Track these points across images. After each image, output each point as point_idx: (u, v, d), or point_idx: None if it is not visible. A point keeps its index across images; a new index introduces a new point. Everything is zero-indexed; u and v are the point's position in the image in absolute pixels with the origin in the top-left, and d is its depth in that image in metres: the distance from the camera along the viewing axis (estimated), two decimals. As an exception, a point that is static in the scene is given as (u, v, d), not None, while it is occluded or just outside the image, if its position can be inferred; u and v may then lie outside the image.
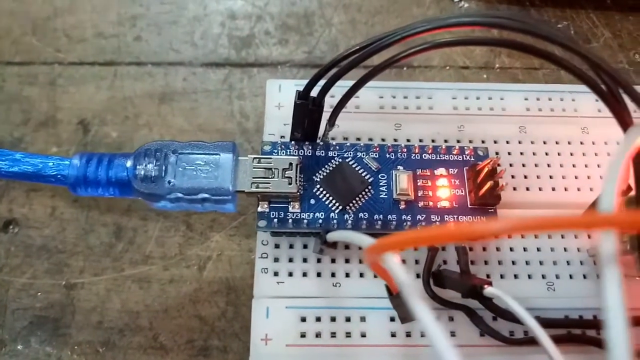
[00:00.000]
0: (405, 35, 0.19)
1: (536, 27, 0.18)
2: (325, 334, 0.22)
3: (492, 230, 0.11)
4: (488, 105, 0.27)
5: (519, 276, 0.23)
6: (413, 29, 0.19)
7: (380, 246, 0.12)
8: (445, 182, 0.23)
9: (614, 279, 0.10)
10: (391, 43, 0.19)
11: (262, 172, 0.22)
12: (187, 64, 0.31)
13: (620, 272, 0.10)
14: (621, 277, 0.10)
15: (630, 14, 0.34)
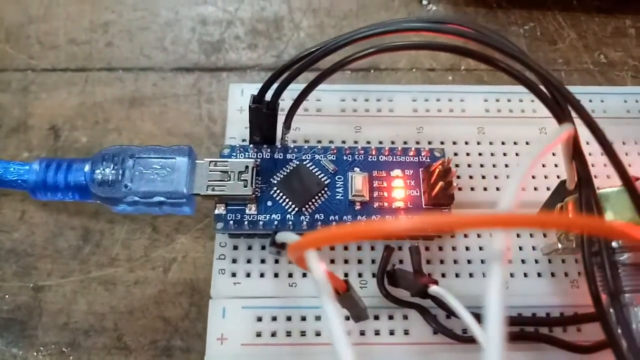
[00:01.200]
0: (351, 39, 0.19)
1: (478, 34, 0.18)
2: (281, 333, 0.22)
3: (399, 228, 0.11)
4: (448, 107, 0.27)
5: (474, 275, 0.24)
6: (359, 33, 0.20)
7: (300, 244, 0.13)
8: (401, 183, 0.24)
9: (497, 276, 0.10)
10: (338, 47, 0.20)
11: (218, 175, 0.23)
12: (157, 69, 0.32)
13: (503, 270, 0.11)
14: (504, 276, 0.11)
15: (596, 15, 0.34)
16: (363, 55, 0.20)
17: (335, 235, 0.12)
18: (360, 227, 0.12)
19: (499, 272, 0.10)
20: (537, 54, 0.33)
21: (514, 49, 0.19)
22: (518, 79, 0.19)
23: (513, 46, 0.19)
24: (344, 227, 0.12)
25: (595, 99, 0.28)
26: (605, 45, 0.33)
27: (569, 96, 0.19)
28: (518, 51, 0.19)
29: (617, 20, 0.34)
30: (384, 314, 0.23)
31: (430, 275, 0.24)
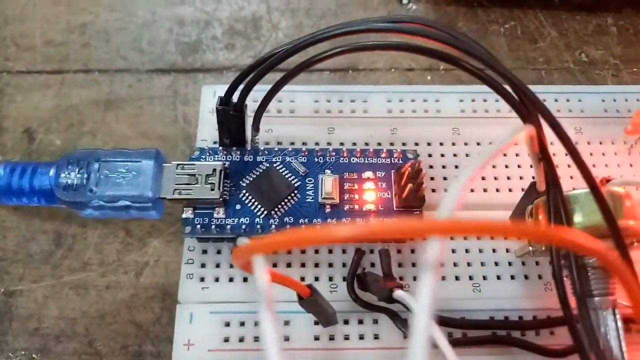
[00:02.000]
0: (313, 40, 0.19)
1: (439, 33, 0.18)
2: (249, 339, 0.22)
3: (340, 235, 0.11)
4: (423, 108, 0.27)
5: (446, 278, 0.23)
6: (322, 33, 0.19)
7: (243, 250, 0.13)
8: (372, 185, 0.24)
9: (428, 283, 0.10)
10: (300, 48, 0.19)
11: (185, 179, 0.22)
12: (133, 70, 0.31)
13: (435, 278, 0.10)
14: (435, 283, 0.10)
15: (577, 13, 0.34)
16: (326, 56, 0.19)
17: (277, 242, 0.12)
18: (301, 233, 0.11)
19: (429, 281, 0.10)
20: (517, 52, 0.32)
21: (477, 49, 0.18)
22: (481, 79, 0.19)
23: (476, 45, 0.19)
24: (286, 233, 0.11)
25: (573, 99, 0.27)
26: (587, 43, 0.33)
27: (532, 96, 0.18)
28: (480, 50, 0.18)
29: (599, 19, 0.33)
30: (353, 319, 0.22)
31: (402, 279, 0.23)
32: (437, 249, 0.10)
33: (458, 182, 0.12)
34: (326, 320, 0.21)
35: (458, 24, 0.33)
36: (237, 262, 0.13)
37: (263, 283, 0.12)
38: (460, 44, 0.18)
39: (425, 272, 0.10)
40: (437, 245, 0.10)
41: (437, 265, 0.10)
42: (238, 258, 0.13)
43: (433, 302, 0.10)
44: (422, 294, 0.10)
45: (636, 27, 0.33)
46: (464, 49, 0.18)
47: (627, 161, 0.26)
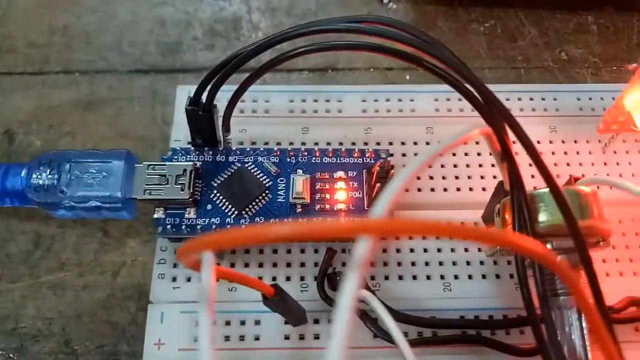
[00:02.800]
0: (277, 40, 0.19)
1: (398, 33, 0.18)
2: (219, 338, 0.22)
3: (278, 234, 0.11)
4: (397, 107, 0.27)
5: (417, 277, 0.24)
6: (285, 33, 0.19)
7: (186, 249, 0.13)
8: (344, 185, 0.24)
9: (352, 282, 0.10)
10: (263, 48, 0.19)
11: (156, 179, 0.23)
12: (114, 71, 0.32)
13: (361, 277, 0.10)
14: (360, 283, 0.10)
15: (558, 11, 0.33)
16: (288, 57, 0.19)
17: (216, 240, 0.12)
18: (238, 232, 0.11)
19: (353, 280, 0.10)
20: (496, 51, 0.32)
21: (437, 49, 0.18)
22: (443, 78, 0.19)
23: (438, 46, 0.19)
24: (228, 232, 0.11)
25: (548, 97, 0.27)
26: (567, 42, 0.33)
27: (489, 95, 0.18)
28: (439, 50, 0.18)
29: (580, 17, 0.33)
30: (324, 318, 0.23)
31: (373, 278, 0.23)
32: (365, 248, 0.10)
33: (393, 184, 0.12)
34: (295, 319, 0.21)
35: (438, 23, 0.33)
36: (181, 261, 0.13)
37: (206, 282, 0.13)
38: (420, 44, 0.18)
39: (350, 271, 0.10)
40: (365, 244, 0.10)
41: (363, 265, 0.11)
42: (181, 257, 0.13)
43: (355, 300, 0.10)
44: (345, 292, 0.10)
45: (616, 26, 0.33)
46: (422, 49, 0.18)
47: (601, 160, 0.26)
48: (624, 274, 0.24)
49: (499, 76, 0.31)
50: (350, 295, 0.10)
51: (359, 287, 0.10)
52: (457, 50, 0.32)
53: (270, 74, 0.32)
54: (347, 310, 0.10)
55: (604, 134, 0.25)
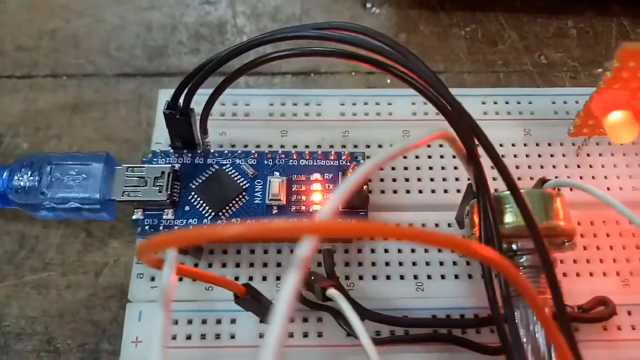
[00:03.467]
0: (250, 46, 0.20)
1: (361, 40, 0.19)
2: (195, 336, 0.23)
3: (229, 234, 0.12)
4: (375, 111, 0.27)
5: (391, 277, 0.24)
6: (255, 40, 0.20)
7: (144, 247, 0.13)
8: (319, 187, 0.24)
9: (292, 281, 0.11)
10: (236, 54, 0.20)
11: (134, 181, 0.23)
12: (101, 75, 0.32)
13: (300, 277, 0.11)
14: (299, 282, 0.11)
15: (538, 16, 0.34)
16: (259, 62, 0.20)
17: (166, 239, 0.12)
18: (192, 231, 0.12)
19: (292, 279, 0.11)
20: (476, 55, 0.33)
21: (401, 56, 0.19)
22: (408, 83, 0.19)
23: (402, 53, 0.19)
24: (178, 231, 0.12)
25: (524, 101, 0.28)
26: (547, 46, 0.33)
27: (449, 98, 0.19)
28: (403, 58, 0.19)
29: (560, 21, 0.34)
30: (298, 317, 0.23)
31: (347, 278, 0.24)
32: (307, 248, 0.11)
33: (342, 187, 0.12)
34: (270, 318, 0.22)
35: (420, 27, 0.34)
36: (142, 261, 0.13)
37: (166, 280, 0.13)
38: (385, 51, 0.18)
39: (290, 270, 0.11)
40: (307, 244, 0.11)
41: (302, 264, 0.11)
42: (141, 257, 0.13)
43: (294, 299, 0.11)
44: (283, 291, 0.11)
45: (596, 30, 0.34)
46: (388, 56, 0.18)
47: (574, 162, 0.26)
48: (595, 275, 0.24)
49: (478, 80, 0.32)
50: (287, 294, 0.11)
51: (297, 285, 0.11)
52: (437, 54, 0.33)
53: (254, 78, 0.32)
54: (285, 309, 0.11)
55: (575, 137, 0.25)
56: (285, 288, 0.11)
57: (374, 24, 0.34)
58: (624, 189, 0.26)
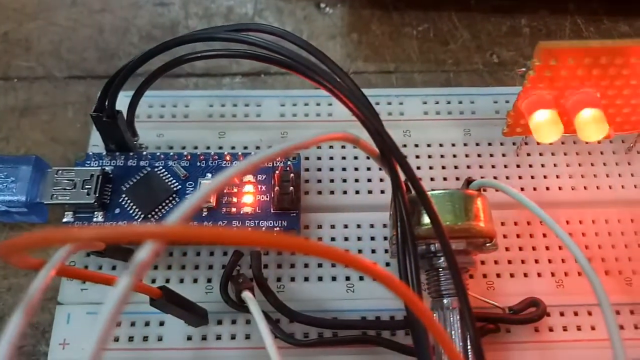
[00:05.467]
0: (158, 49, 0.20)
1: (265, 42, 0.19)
2: (123, 338, 0.23)
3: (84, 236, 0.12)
4: (315, 111, 0.27)
5: (323, 278, 0.24)
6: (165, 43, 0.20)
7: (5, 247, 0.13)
8: (252, 188, 0.24)
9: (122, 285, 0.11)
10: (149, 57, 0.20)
11: (64, 184, 0.23)
12: (51, 77, 0.32)
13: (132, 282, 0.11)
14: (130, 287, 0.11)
15: (492, 15, 0.34)
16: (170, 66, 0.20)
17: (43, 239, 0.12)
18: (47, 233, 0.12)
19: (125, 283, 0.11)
20: (427, 55, 0.33)
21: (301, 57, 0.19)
22: (318, 84, 0.19)
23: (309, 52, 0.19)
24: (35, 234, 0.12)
25: (465, 100, 0.28)
26: (499, 45, 0.33)
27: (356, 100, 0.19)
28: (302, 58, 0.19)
29: (513, 20, 0.34)
30: (227, 319, 0.23)
31: (279, 280, 0.24)
32: (146, 254, 0.11)
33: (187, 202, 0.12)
34: (193, 320, 0.22)
35: (372, 27, 0.34)
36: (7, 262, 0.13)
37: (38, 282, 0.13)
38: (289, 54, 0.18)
39: (124, 275, 0.11)
40: (147, 250, 0.11)
41: (139, 270, 0.11)
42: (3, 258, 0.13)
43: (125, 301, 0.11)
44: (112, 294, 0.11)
45: (549, 28, 0.33)
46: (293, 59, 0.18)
47: (514, 162, 0.26)
48: (529, 275, 0.24)
49: (428, 79, 0.32)
50: (117, 297, 0.11)
51: (128, 290, 0.11)
52: (388, 54, 0.33)
53: (204, 79, 0.32)
54: (111, 310, 0.10)
55: (509, 136, 0.25)
56: (114, 292, 0.11)
57: (327, 23, 0.34)
58: (564, 188, 0.26)
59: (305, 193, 0.26)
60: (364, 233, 0.25)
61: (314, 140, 0.17)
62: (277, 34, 0.19)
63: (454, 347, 0.15)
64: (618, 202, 0.25)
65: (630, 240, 0.25)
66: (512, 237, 0.25)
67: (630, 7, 0.33)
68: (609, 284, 0.24)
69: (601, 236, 0.25)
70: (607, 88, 0.22)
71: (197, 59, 0.20)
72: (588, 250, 0.24)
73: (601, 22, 0.33)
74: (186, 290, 0.23)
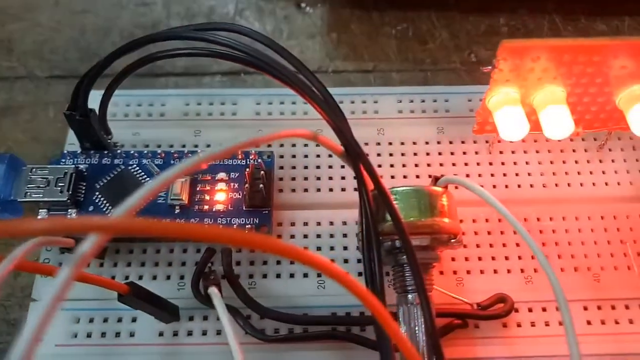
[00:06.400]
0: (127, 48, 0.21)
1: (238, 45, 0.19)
2: (96, 334, 0.23)
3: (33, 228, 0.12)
4: (290, 110, 0.28)
5: (295, 275, 0.24)
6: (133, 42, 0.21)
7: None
8: (224, 186, 0.24)
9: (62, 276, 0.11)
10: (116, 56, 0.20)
11: (37, 182, 0.23)
12: (33, 77, 0.33)
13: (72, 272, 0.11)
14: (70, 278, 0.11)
15: (470, 14, 0.34)
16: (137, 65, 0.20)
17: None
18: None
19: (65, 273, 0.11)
20: (406, 54, 0.33)
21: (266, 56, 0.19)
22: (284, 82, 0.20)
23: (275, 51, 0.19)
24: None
25: (440, 99, 0.28)
26: (477, 44, 0.33)
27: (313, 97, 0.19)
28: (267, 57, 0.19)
29: (492, 19, 0.34)
30: (198, 315, 0.23)
31: (252, 277, 0.24)
32: (90, 244, 0.11)
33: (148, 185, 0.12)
34: (163, 316, 0.22)
35: (351, 27, 0.34)
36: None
37: None
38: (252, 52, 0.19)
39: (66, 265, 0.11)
40: (90, 242, 0.11)
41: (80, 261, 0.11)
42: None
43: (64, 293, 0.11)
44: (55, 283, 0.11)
45: (527, 27, 0.34)
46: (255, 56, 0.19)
47: (487, 160, 0.26)
48: (499, 272, 0.24)
49: (407, 78, 0.32)
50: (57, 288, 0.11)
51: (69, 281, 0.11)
52: (367, 53, 0.33)
53: (184, 78, 0.32)
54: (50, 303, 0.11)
55: (479, 134, 0.25)
56: (54, 282, 0.11)
57: (307, 23, 0.34)
58: (535, 185, 0.26)
59: (280, 191, 0.26)
60: (337, 230, 0.25)
61: (270, 136, 0.17)
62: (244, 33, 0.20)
63: (407, 342, 0.15)
64: (589, 199, 0.26)
65: (600, 237, 0.25)
66: (483, 234, 0.25)
67: (607, 6, 0.33)
68: (578, 280, 0.24)
69: (571, 233, 0.25)
70: (574, 86, 0.22)
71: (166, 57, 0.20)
72: (558, 247, 0.25)
73: (579, 21, 0.34)
74: (159, 287, 0.23)
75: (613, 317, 0.23)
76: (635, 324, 0.23)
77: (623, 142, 0.27)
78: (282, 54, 0.20)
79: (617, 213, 0.25)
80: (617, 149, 0.27)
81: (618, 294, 0.24)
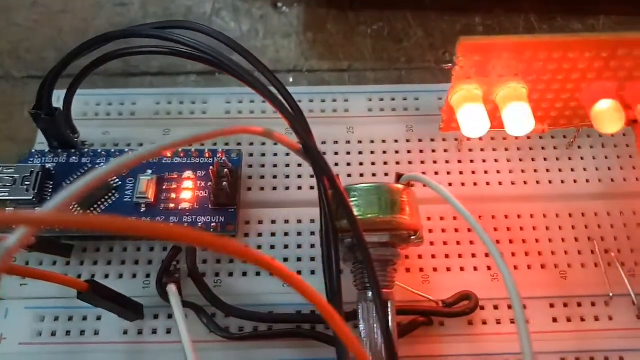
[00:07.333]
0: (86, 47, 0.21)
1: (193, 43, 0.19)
2: (60, 333, 0.23)
3: None
4: (260, 109, 0.28)
5: (261, 273, 0.24)
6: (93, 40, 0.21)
7: None
8: (191, 184, 0.24)
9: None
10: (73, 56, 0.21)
11: (4, 180, 0.23)
12: (9, 77, 0.33)
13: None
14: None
15: (446, 13, 0.34)
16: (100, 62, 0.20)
17: None
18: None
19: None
20: (381, 53, 0.33)
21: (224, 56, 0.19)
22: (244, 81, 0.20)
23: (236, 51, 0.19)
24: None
25: (410, 97, 0.28)
26: (452, 43, 0.32)
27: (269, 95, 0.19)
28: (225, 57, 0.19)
29: (468, 18, 0.34)
30: (163, 313, 0.23)
31: (218, 275, 0.24)
32: (16, 238, 0.11)
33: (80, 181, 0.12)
34: (127, 314, 0.22)
35: (327, 26, 0.34)
36: None
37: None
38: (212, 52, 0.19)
39: None
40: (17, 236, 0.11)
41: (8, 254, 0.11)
42: None
43: None
44: None
45: (503, 26, 0.34)
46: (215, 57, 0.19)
47: (455, 157, 0.26)
48: (466, 269, 0.24)
49: (381, 77, 0.32)
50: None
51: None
52: (342, 53, 0.33)
53: (159, 78, 0.33)
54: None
55: (446, 132, 0.25)
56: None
57: (283, 22, 0.34)
58: (504, 183, 0.26)
59: (248, 189, 0.26)
60: (304, 228, 0.25)
61: (215, 132, 0.17)
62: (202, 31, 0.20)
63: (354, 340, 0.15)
64: (557, 196, 0.26)
65: (568, 235, 0.25)
66: (450, 232, 0.25)
67: (583, 5, 0.33)
68: (545, 278, 0.24)
69: (539, 230, 0.25)
70: (536, 83, 0.22)
71: (127, 54, 0.20)
72: (525, 244, 0.24)
73: (555, 20, 0.34)
74: (125, 285, 0.23)
75: (579, 314, 0.23)
76: (601, 321, 0.23)
77: (592, 140, 0.27)
78: (239, 51, 0.20)
79: (585, 210, 0.25)
80: (587, 147, 0.27)
81: (584, 291, 0.24)
